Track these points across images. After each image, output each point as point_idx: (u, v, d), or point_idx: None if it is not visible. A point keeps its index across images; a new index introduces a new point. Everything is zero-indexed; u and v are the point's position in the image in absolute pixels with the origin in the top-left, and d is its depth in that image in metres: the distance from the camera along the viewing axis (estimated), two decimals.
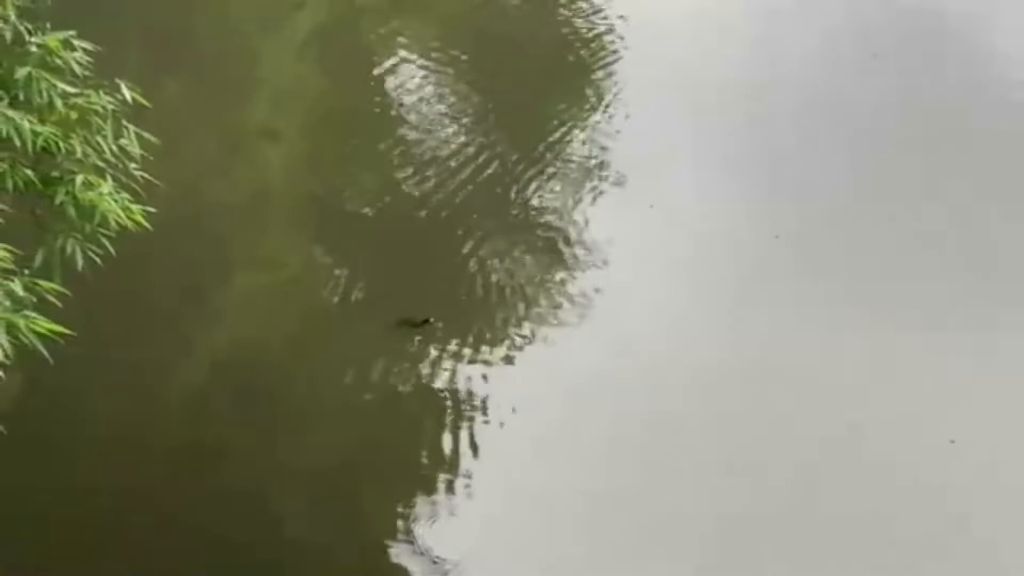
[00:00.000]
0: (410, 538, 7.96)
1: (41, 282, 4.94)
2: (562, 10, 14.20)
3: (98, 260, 5.26)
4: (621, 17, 13.78)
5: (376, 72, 12.88)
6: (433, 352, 9.36)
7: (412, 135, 12.03)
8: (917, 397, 9.08)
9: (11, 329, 4.71)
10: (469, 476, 8.40)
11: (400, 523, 8.05)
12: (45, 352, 4.72)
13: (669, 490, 8.35)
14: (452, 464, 8.46)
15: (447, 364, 9.29)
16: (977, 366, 9.38)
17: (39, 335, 4.74)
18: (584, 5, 14.07)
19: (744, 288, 10.15)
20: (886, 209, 11.02)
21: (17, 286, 4.84)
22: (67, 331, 4.83)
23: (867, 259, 10.55)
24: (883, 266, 10.42)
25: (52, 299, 4.96)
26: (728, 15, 13.67)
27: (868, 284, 10.21)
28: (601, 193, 11.19)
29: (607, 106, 12.42)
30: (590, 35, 13.65)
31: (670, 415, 8.88)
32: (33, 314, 4.78)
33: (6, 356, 4.68)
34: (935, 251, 10.69)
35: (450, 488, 8.33)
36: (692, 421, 8.89)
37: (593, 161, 11.64)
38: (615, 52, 13.26)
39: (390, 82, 12.78)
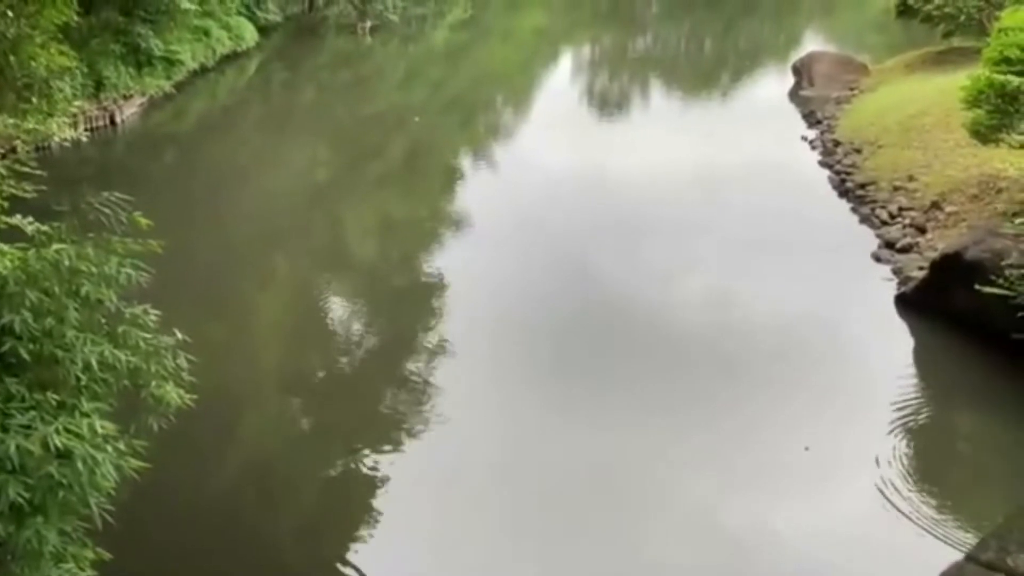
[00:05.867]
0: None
1: (135, 441, 8.69)
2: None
3: (165, 425, 8.82)
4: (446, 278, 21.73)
5: (322, 316, 20.06)
6: (364, 457, 14.43)
7: (342, 343, 18.99)
8: None
9: (118, 469, 8.47)
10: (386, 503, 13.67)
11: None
12: (136, 476, 8.47)
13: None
14: (375, 508, 13.62)
15: (371, 467, 14.34)
16: None
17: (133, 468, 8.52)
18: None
19: None
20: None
21: (121, 445, 8.59)
22: (147, 464, 8.54)
23: None
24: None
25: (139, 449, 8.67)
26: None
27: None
28: (438, 357, 17.92)
29: (440, 315, 20.05)
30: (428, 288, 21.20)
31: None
32: (131, 459, 8.48)
33: (115, 483, 8.41)
34: None
35: (374, 518, 13.45)
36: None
37: (431, 345, 18.05)
38: (442, 296, 20.85)
39: (331, 317, 20.05)
